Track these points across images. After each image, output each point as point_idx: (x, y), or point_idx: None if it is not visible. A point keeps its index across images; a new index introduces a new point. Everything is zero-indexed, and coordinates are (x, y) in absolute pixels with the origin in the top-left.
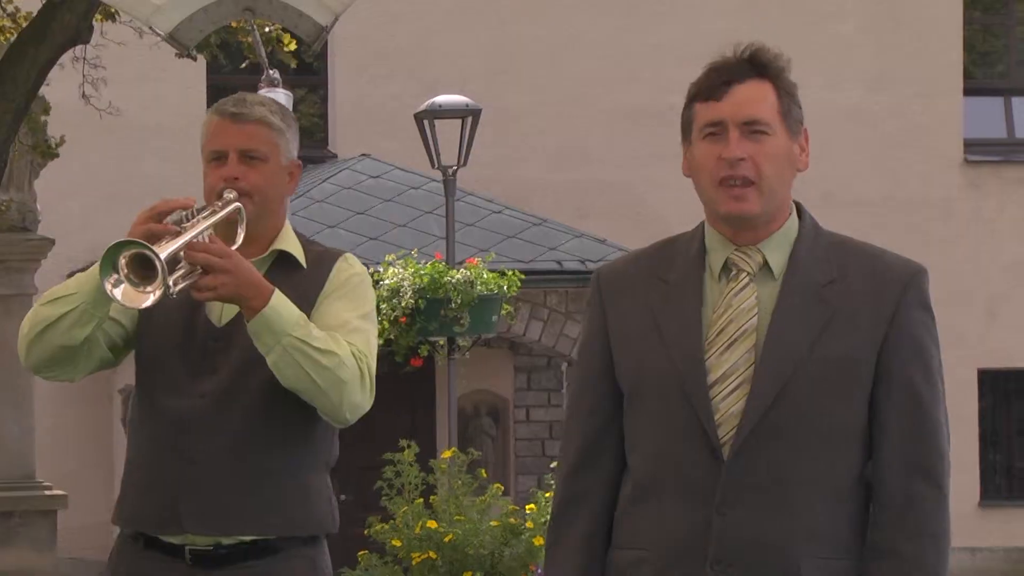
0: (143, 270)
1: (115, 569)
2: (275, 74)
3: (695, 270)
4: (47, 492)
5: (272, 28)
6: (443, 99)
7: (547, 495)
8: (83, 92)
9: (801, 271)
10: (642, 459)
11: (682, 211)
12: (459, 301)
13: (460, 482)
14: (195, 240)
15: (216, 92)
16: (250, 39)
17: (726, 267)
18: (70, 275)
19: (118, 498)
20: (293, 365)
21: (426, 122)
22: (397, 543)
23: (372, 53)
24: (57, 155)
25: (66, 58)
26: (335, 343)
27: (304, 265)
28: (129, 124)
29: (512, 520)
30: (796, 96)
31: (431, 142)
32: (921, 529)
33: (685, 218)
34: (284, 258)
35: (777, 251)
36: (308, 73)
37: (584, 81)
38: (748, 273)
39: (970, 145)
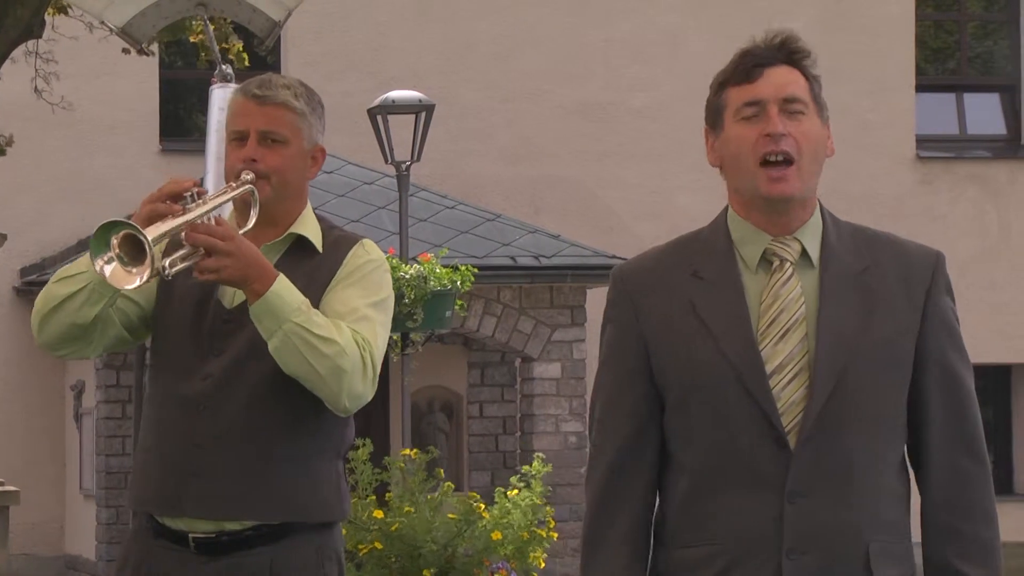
0: (135, 251)
1: (127, 555)
2: (228, 69)
3: (729, 264)
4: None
5: (224, 25)
6: (396, 94)
7: (511, 493)
8: (35, 87)
9: (836, 259)
10: (700, 454)
11: (634, 206)
12: (412, 296)
13: (416, 479)
14: (198, 222)
15: (169, 87)
16: (201, 37)
17: (764, 258)
18: (21, 271)
19: (131, 480)
20: (292, 351)
21: (379, 117)
22: (343, 530)
23: (325, 49)
24: (3, 153)
25: (18, 52)
26: (337, 331)
27: (320, 250)
28: (81, 119)
29: (470, 504)
30: (821, 84)
31: (384, 137)
32: (975, 507)
33: (637, 213)
34: (300, 242)
35: (812, 240)
36: (261, 69)
37: (537, 77)
38: (791, 262)
39: (922, 141)
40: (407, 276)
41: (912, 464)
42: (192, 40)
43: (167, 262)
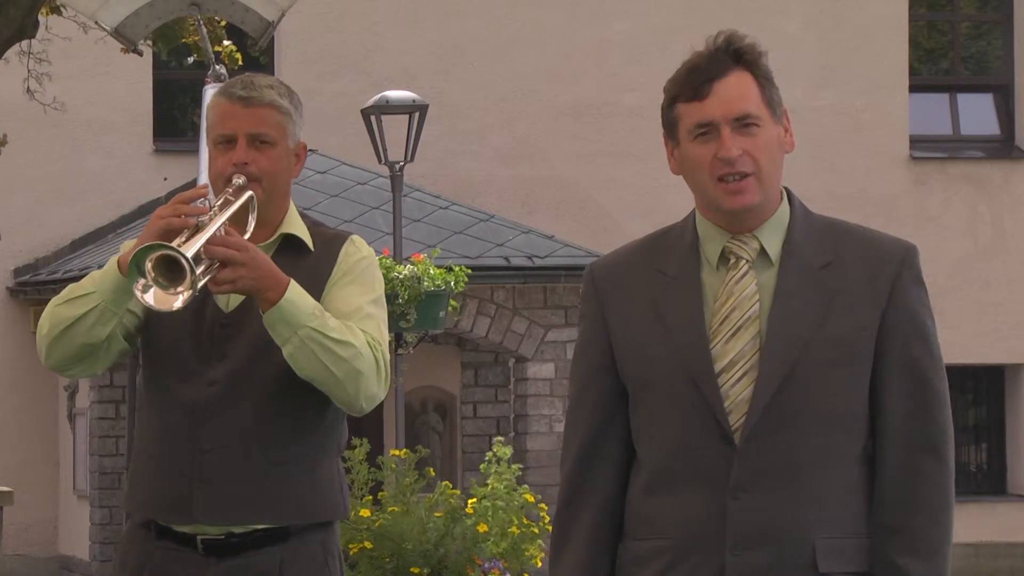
0: (169, 271)
1: (125, 558)
2: (222, 69)
3: (691, 261)
4: None
5: (217, 26)
6: (391, 94)
7: (486, 488)
8: (28, 87)
9: (797, 255)
10: (654, 450)
11: (628, 206)
12: (406, 297)
13: (407, 480)
14: (214, 234)
15: (162, 87)
16: (194, 39)
17: (723, 256)
18: (15, 271)
19: (128, 485)
20: (310, 356)
21: (373, 118)
22: None
23: (319, 49)
24: None
25: (11, 52)
26: (351, 333)
27: (312, 248)
28: (74, 119)
29: (452, 501)
30: (773, 79)
31: (378, 138)
32: (926, 504)
33: (631, 213)
34: (291, 241)
35: (772, 237)
36: (255, 69)
37: (531, 77)
38: (747, 260)
39: (916, 141)
40: (401, 276)
41: (875, 458)
42: (185, 41)
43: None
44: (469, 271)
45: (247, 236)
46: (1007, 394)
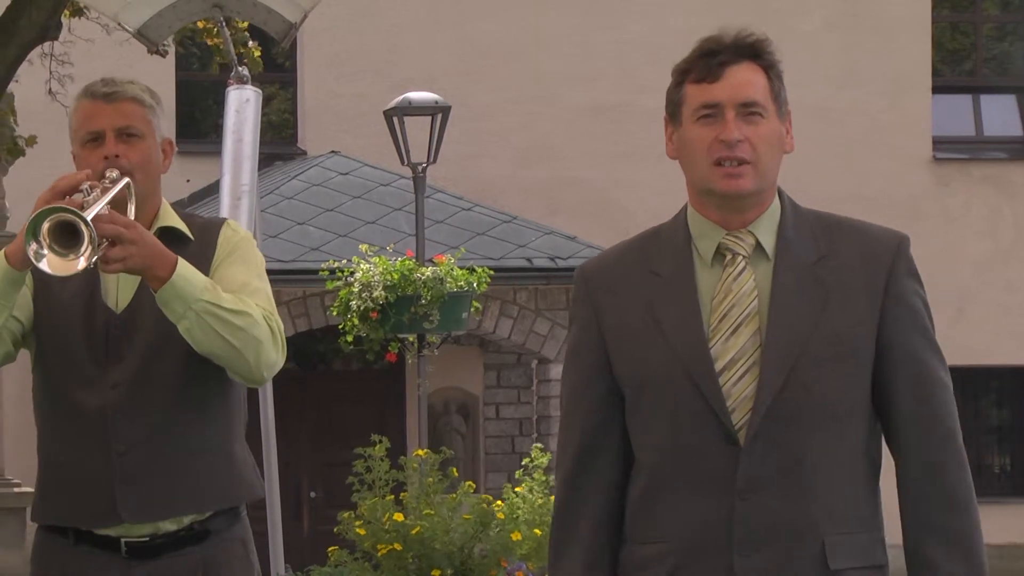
0: (63, 237)
1: (43, 568)
2: (244, 71)
3: (685, 259)
4: (16, 490)
5: (239, 31)
6: (413, 96)
7: (517, 489)
8: (50, 89)
9: (791, 250)
10: (655, 452)
11: (649, 207)
12: (429, 298)
13: (431, 479)
14: (100, 212)
15: (184, 89)
16: (217, 40)
17: (719, 252)
18: None
19: (38, 495)
20: (206, 329)
21: (396, 119)
22: (362, 531)
23: (341, 50)
24: (23, 154)
25: (33, 55)
26: (244, 304)
27: (192, 237)
28: None
29: (483, 506)
30: (782, 79)
31: (401, 139)
32: (953, 498)
33: (652, 214)
34: (170, 233)
35: (767, 232)
36: (277, 70)
37: (552, 78)
38: (743, 256)
39: (938, 143)
40: (423, 277)
41: (892, 454)
42: (209, 43)
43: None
44: (492, 272)
45: None
46: None
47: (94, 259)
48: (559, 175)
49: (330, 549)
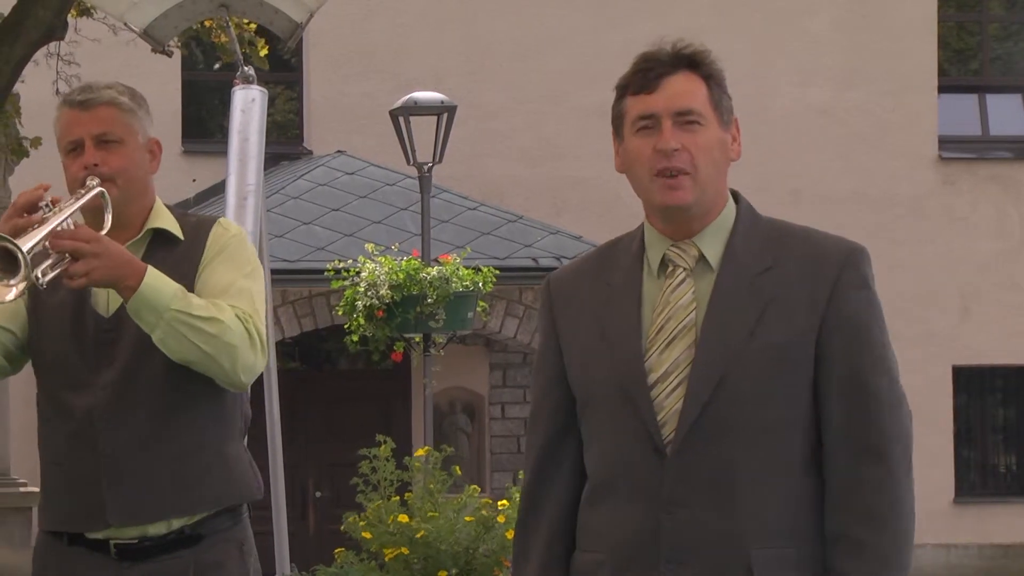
0: (6, 264)
1: (42, 569)
2: (250, 71)
3: (635, 269)
4: (22, 489)
5: (246, 30)
6: (419, 96)
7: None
8: (56, 89)
9: (736, 261)
10: (595, 462)
11: None
12: (434, 297)
13: (435, 480)
14: (59, 228)
15: (190, 89)
16: (223, 38)
17: (663, 264)
18: None
19: (41, 499)
20: (178, 338)
21: (402, 119)
22: (367, 535)
23: (347, 50)
24: (27, 155)
25: (39, 55)
26: (217, 309)
27: (182, 238)
28: None
29: (484, 512)
30: (725, 86)
31: (407, 139)
32: (868, 510)
33: None
34: (160, 235)
35: (713, 243)
36: (283, 70)
37: (558, 78)
38: (684, 268)
39: (944, 142)
40: (429, 277)
41: (822, 466)
42: (215, 42)
43: (38, 272)
44: (497, 272)
45: (104, 233)
46: None
47: (47, 278)
48: (565, 175)
49: (336, 551)
